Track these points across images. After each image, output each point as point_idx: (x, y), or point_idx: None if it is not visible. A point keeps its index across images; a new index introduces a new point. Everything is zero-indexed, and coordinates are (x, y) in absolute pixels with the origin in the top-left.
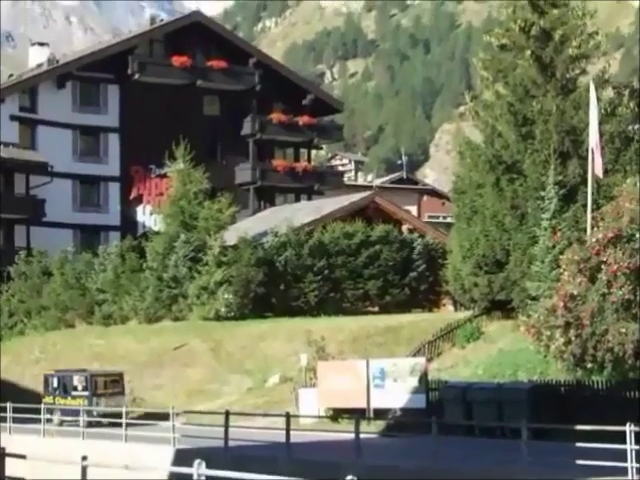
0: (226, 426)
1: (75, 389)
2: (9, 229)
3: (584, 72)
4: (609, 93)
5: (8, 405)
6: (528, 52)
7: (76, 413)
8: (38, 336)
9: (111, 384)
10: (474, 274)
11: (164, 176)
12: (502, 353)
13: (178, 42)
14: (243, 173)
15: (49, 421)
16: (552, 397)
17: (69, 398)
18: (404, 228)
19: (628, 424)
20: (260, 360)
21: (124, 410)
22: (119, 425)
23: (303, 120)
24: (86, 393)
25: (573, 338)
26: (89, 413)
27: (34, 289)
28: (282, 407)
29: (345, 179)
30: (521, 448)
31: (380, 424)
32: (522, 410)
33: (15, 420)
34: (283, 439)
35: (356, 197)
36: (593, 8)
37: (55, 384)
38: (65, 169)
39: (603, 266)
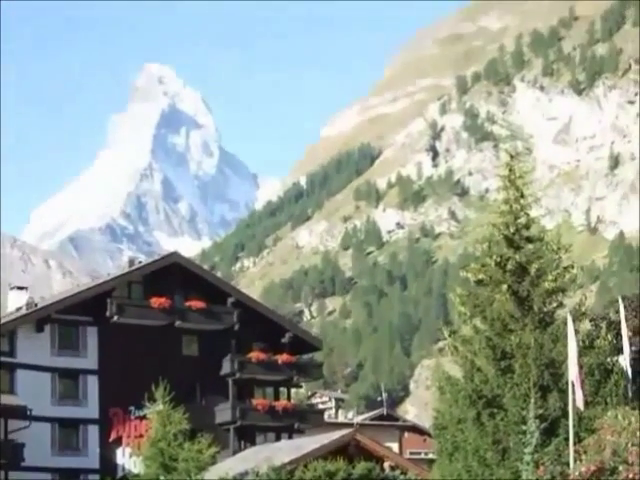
0: None
1: None
2: None
3: (561, 305)
4: (586, 326)
5: None
6: (505, 286)
7: None
8: None
9: None
10: None
11: (144, 418)
12: None
13: (156, 283)
14: (223, 413)
15: None
16: None
17: None
18: (386, 465)
19: None
20: None
21: None
22: None
23: (282, 359)
24: None
25: None
26: None
27: None
28: None
29: (326, 417)
30: None
31: None
32: None
33: None
34: None
35: (337, 435)
36: (568, 242)
37: None
38: (44, 412)
39: None
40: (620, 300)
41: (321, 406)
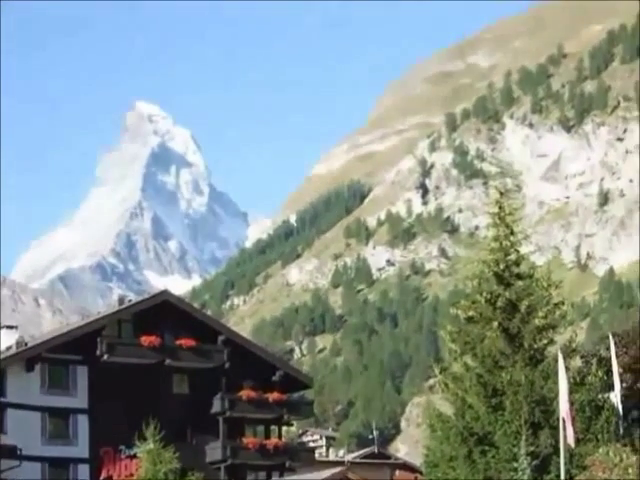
0: None
1: None
2: None
3: (552, 342)
4: (577, 362)
5: None
6: (495, 323)
7: None
8: None
9: None
10: None
11: (134, 457)
12: None
13: (147, 322)
14: (213, 451)
15: None
16: None
17: None
18: None
19: None
20: None
21: None
22: None
23: (273, 397)
24: None
25: None
26: None
27: None
28: None
29: (317, 455)
30: None
31: None
32: None
33: None
34: None
35: (328, 473)
36: (558, 279)
37: None
38: (34, 452)
39: None
40: (610, 337)
41: (312, 444)
